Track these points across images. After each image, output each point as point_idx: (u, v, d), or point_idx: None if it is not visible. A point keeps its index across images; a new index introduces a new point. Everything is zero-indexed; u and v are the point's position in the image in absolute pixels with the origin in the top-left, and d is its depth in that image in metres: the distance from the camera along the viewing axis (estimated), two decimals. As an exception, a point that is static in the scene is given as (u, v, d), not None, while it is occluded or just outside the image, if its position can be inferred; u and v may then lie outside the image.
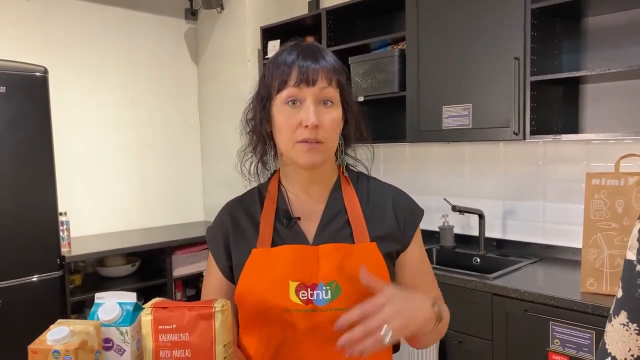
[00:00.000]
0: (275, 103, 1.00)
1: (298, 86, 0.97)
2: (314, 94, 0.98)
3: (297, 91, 0.97)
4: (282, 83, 0.98)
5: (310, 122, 0.96)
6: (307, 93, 0.97)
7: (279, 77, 0.99)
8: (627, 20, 2.25)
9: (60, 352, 0.78)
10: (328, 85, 0.99)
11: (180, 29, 3.79)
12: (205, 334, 0.83)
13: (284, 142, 1.01)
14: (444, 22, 2.49)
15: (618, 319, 0.69)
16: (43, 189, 2.61)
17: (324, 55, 1.01)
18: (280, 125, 1.00)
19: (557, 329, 1.91)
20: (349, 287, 0.98)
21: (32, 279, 2.58)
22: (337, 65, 1.03)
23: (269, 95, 1.01)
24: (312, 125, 0.96)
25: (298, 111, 0.98)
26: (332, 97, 1.00)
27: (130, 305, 0.89)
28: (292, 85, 0.97)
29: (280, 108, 1.00)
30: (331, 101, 1.00)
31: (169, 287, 3.16)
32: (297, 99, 0.98)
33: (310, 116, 0.96)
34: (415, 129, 2.65)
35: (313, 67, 0.98)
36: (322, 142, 0.99)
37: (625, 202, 1.84)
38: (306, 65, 0.98)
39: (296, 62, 0.98)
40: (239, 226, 1.07)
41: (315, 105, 0.98)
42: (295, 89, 0.97)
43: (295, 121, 0.98)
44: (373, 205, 1.08)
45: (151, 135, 3.65)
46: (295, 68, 0.98)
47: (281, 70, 0.99)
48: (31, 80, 2.56)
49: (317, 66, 0.98)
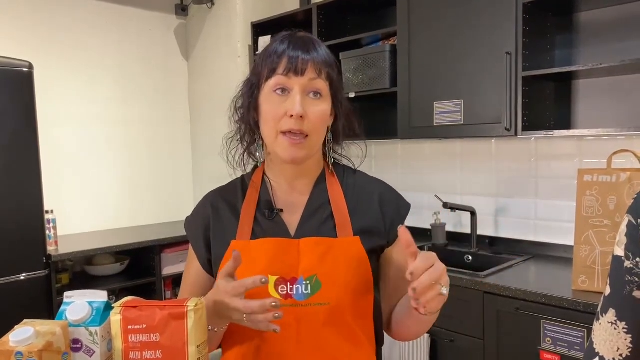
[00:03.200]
0: (264, 91, 0.99)
1: (286, 75, 0.96)
2: (302, 84, 0.96)
3: (285, 80, 0.96)
4: (271, 71, 0.97)
5: (296, 111, 0.94)
6: (295, 82, 0.96)
7: (269, 65, 0.98)
8: (619, 15, 2.22)
9: (24, 353, 0.75)
10: (317, 76, 0.97)
11: (170, 25, 3.75)
12: (176, 334, 0.80)
13: (268, 133, 0.99)
14: (436, 17, 2.46)
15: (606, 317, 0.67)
16: (28, 186, 2.56)
17: (316, 46, 1.00)
18: (265, 114, 0.98)
19: (549, 327, 1.89)
20: (329, 282, 0.96)
21: (19, 277, 2.54)
22: (329, 58, 1.01)
23: (258, 83, 1.00)
24: (297, 115, 0.94)
25: (284, 101, 0.96)
26: (320, 89, 0.98)
27: (101, 305, 0.86)
28: (280, 73, 0.96)
29: (268, 97, 0.98)
30: (320, 93, 0.98)
31: (159, 285, 3.12)
32: (285, 87, 0.96)
33: (295, 106, 0.94)
34: (406, 126, 2.62)
35: (303, 57, 0.96)
36: (306, 135, 0.97)
37: (617, 199, 1.82)
38: (296, 54, 0.96)
39: (287, 51, 0.97)
40: (220, 217, 1.05)
41: (303, 96, 0.96)
42: (283, 77, 0.96)
43: (281, 110, 0.96)
44: (358, 199, 1.06)
45: (141, 131, 3.61)
46: (285, 57, 0.96)
47: (271, 59, 0.98)
48: (16, 76, 2.51)
49: (307, 56, 0.97)
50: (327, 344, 0.96)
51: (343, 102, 1.06)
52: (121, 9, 3.48)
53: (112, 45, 3.45)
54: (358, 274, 0.98)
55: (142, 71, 3.60)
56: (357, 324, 0.99)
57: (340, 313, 0.96)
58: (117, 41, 3.48)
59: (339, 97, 1.04)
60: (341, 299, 0.96)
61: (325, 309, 0.95)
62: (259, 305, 0.83)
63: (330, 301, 0.95)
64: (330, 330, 0.96)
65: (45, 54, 3.13)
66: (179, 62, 3.81)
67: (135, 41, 3.56)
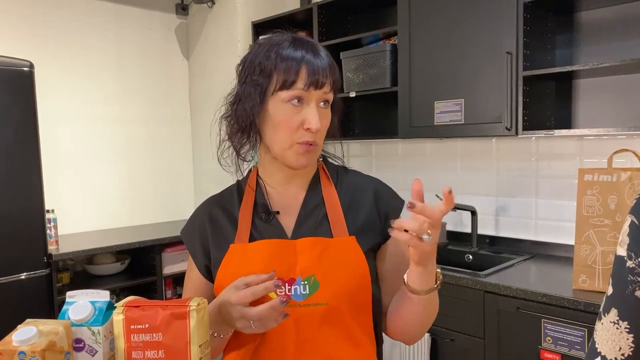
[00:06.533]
0: (275, 98, 0.97)
1: (307, 90, 0.95)
2: (318, 96, 0.97)
3: (305, 93, 0.95)
4: (289, 82, 0.95)
5: (315, 127, 0.95)
6: (313, 96, 0.96)
7: (285, 74, 0.95)
8: (620, 15, 2.22)
9: (27, 353, 0.75)
10: (330, 90, 0.99)
11: (170, 24, 3.74)
12: (179, 333, 0.80)
13: (280, 141, 0.98)
14: (436, 16, 2.46)
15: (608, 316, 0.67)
16: (29, 185, 2.56)
17: (322, 53, 0.99)
18: (278, 124, 0.97)
19: (549, 327, 1.89)
20: (327, 282, 0.96)
21: (20, 277, 2.54)
22: (333, 63, 1.02)
23: (267, 86, 0.97)
24: (315, 130, 0.95)
25: (299, 111, 0.96)
26: (329, 99, 1.00)
27: (103, 304, 0.86)
28: (300, 87, 0.95)
29: (281, 105, 0.96)
30: (328, 102, 1.00)
31: (159, 285, 3.12)
32: (301, 98, 0.96)
33: (315, 121, 0.95)
34: (407, 125, 2.62)
35: (323, 71, 0.96)
36: (316, 145, 0.98)
37: (618, 198, 1.82)
38: (315, 67, 0.95)
39: (305, 60, 0.95)
40: (217, 224, 1.06)
41: (317, 108, 0.97)
42: (302, 91, 0.95)
43: (296, 121, 0.96)
44: (352, 198, 1.06)
45: (141, 131, 3.61)
46: (304, 69, 0.95)
47: (287, 67, 0.95)
48: (17, 75, 2.51)
49: (324, 68, 0.97)
50: (326, 344, 0.96)
51: (338, 103, 1.06)
52: (122, 8, 3.48)
53: (112, 44, 3.45)
54: (355, 273, 0.98)
55: (143, 70, 3.60)
56: (356, 323, 0.99)
57: (339, 313, 0.97)
58: (118, 40, 3.47)
59: (336, 100, 1.05)
60: (339, 299, 0.96)
61: (324, 309, 0.95)
62: (268, 309, 0.84)
63: (329, 301, 0.95)
64: (329, 330, 0.96)
65: (46, 54, 3.13)
66: (179, 61, 3.80)
67: (136, 40, 3.56)
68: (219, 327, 0.91)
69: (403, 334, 1.04)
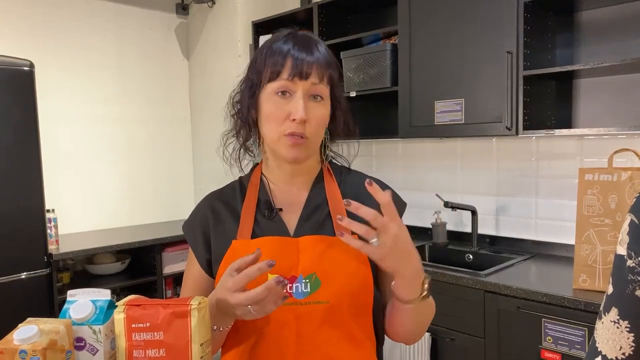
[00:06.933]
0: (265, 91, 0.99)
1: (291, 80, 0.96)
2: (305, 87, 0.97)
3: (289, 84, 0.96)
4: (275, 73, 0.97)
5: (299, 116, 0.95)
6: (298, 86, 0.97)
7: (272, 66, 0.97)
8: (620, 14, 2.22)
9: (28, 352, 0.75)
10: (319, 81, 0.98)
11: (170, 24, 3.75)
12: (180, 332, 0.80)
13: (269, 133, 1.00)
14: (436, 16, 2.46)
15: (608, 316, 0.67)
16: (29, 185, 2.56)
17: (318, 47, 1.00)
18: (267, 115, 0.99)
19: (550, 326, 1.89)
20: (328, 280, 0.96)
21: (20, 276, 2.54)
22: (331, 59, 1.02)
23: (259, 82, 1.00)
24: (300, 120, 0.95)
25: (287, 102, 0.97)
26: (322, 93, 0.99)
27: (104, 303, 0.86)
28: (285, 78, 0.96)
29: (270, 97, 0.98)
30: (321, 96, 0.99)
31: (159, 284, 3.12)
32: (287, 90, 0.97)
33: (299, 110, 0.95)
34: (407, 125, 2.62)
35: (308, 61, 0.96)
36: (306, 138, 0.98)
37: (618, 198, 1.82)
38: (301, 57, 0.96)
39: (291, 52, 0.97)
40: (220, 219, 1.05)
41: (305, 99, 0.97)
42: (287, 82, 0.96)
43: (283, 113, 0.97)
44: (355, 198, 1.06)
45: (141, 131, 3.61)
46: (290, 60, 0.96)
47: (274, 60, 0.97)
48: (17, 75, 2.51)
49: (311, 59, 0.97)
50: (326, 342, 0.96)
51: (342, 102, 1.06)
52: (122, 8, 3.48)
53: (112, 44, 3.45)
54: (357, 272, 0.98)
55: (143, 70, 3.60)
56: (356, 322, 0.99)
57: (340, 311, 0.96)
58: (118, 40, 3.48)
59: (338, 96, 1.05)
60: (340, 298, 0.96)
61: (324, 307, 0.95)
62: (263, 290, 0.82)
63: (330, 299, 0.95)
64: (329, 328, 0.96)
65: (46, 54, 3.13)
66: (180, 61, 3.80)
67: (136, 40, 3.56)
68: (219, 320, 0.90)
69: (401, 337, 1.05)
